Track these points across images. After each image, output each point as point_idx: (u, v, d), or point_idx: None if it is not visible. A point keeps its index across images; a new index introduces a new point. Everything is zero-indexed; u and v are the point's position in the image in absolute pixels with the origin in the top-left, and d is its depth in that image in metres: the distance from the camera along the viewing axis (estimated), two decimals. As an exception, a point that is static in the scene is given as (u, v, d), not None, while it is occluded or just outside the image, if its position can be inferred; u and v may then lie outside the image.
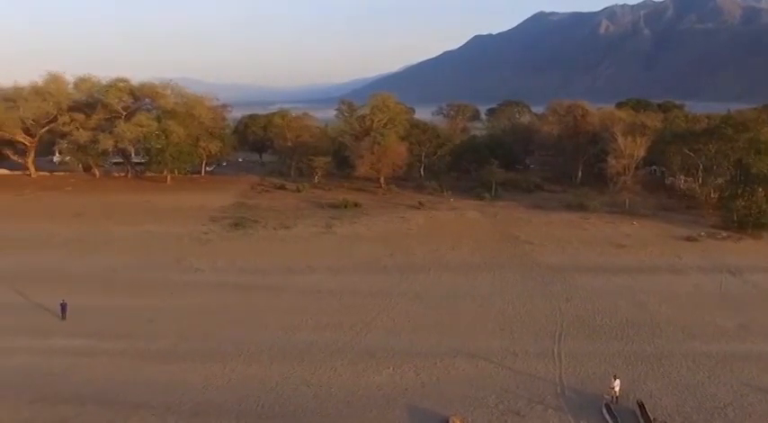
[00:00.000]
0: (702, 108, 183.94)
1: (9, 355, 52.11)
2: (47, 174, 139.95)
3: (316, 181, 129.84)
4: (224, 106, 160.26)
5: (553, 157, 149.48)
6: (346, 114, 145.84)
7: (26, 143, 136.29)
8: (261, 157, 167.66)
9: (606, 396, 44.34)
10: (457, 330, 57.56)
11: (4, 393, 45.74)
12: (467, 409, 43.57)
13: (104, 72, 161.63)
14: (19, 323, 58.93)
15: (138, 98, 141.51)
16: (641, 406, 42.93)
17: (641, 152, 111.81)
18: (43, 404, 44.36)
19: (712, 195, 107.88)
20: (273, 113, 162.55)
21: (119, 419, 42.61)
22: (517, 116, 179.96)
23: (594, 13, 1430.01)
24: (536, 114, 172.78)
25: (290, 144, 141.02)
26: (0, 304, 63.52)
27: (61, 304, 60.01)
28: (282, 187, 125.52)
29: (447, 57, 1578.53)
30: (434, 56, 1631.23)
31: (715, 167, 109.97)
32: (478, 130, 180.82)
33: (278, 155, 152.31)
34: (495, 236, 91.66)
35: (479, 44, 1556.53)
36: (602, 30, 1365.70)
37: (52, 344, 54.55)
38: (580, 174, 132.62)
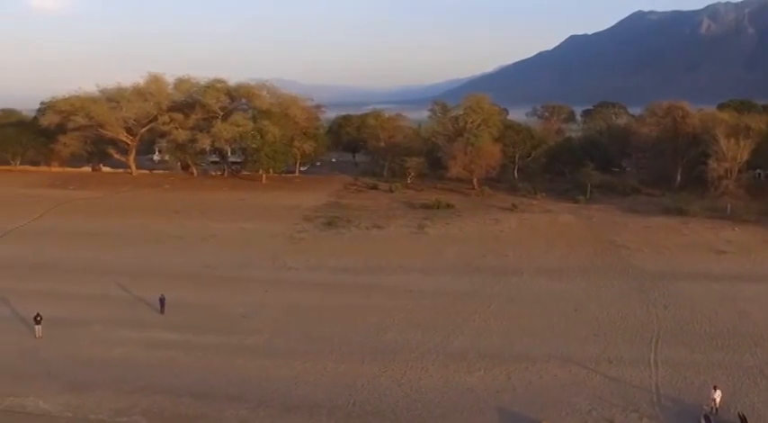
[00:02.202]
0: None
1: (110, 346, 54.10)
2: (147, 172, 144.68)
3: (408, 181, 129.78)
4: (318, 107, 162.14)
5: (651, 160, 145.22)
6: (439, 115, 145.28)
7: (128, 142, 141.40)
8: (354, 157, 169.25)
9: (705, 407, 42.89)
10: (550, 334, 56.68)
11: (104, 383, 47.47)
12: (558, 414, 42.89)
13: (202, 73, 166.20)
14: (120, 316, 61.16)
15: (235, 98, 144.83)
16: (743, 419, 41.37)
17: (744, 155, 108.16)
18: (141, 394, 45.76)
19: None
20: (367, 114, 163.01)
21: (213, 412, 43.64)
22: (613, 117, 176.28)
23: (695, 11, 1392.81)
24: (633, 116, 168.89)
25: (383, 144, 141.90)
26: (103, 297, 66.15)
27: (160, 298, 61.80)
28: (375, 187, 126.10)
29: (542, 57, 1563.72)
30: (529, 56, 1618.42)
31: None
32: (573, 131, 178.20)
33: (371, 155, 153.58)
34: (589, 240, 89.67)
35: (575, 44, 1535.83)
36: (703, 29, 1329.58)
37: (151, 336, 56.30)
38: (679, 177, 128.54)
